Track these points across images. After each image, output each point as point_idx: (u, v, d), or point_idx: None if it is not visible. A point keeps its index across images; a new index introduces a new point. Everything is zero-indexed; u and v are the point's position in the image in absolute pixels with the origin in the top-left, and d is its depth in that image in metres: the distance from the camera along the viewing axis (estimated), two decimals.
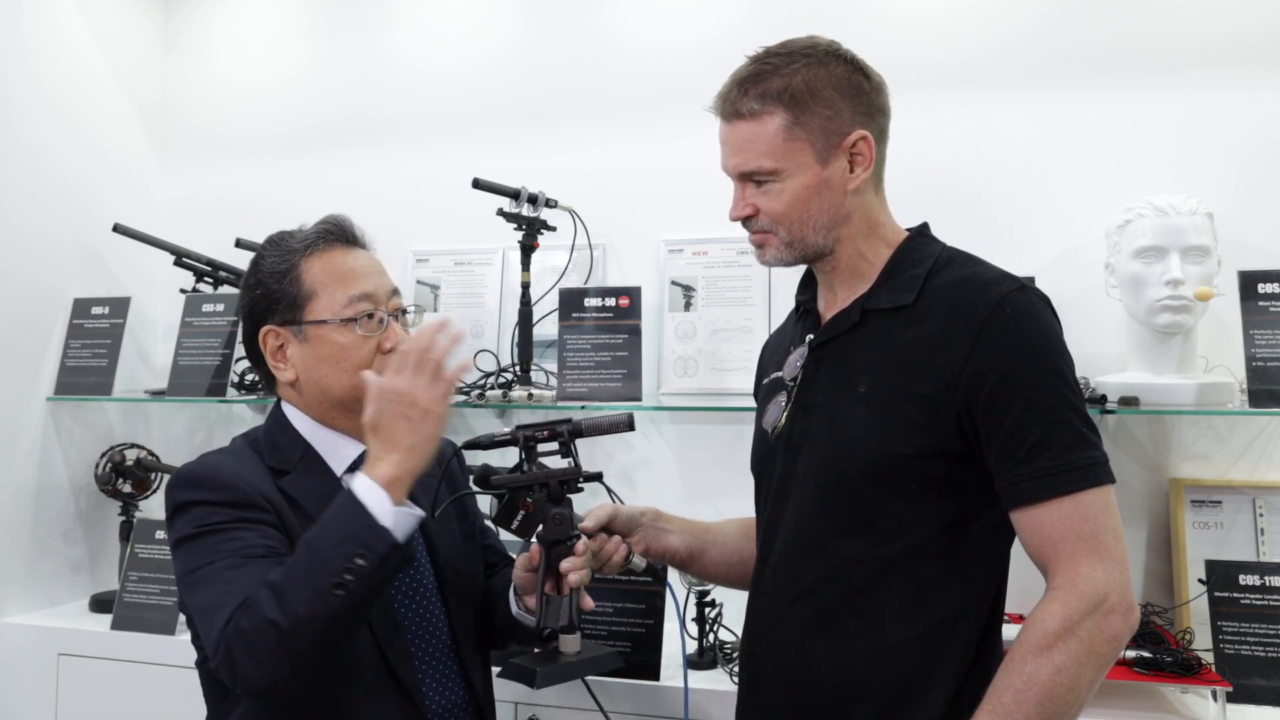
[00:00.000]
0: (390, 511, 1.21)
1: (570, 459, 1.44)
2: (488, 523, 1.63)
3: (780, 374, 1.43)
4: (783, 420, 1.38)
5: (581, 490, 1.47)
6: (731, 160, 1.35)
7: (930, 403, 1.24)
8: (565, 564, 1.39)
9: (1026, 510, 1.20)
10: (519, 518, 1.42)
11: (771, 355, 1.53)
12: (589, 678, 1.53)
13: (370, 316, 1.40)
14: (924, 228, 1.41)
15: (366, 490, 1.22)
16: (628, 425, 1.47)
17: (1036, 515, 1.20)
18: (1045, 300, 1.28)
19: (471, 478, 1.50)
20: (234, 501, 1.31)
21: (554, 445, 1.46)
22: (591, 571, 1.46)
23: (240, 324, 1.48)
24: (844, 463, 1.28)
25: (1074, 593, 1.16)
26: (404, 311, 1.47)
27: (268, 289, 1.42)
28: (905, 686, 1.25)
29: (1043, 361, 1.22)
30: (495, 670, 1.53)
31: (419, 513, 1.26)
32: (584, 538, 1.43)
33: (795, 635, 1.32)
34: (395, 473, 1.23)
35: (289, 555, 1.26)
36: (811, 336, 1.39)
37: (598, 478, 1.47)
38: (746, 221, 1.37)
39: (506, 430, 1.45)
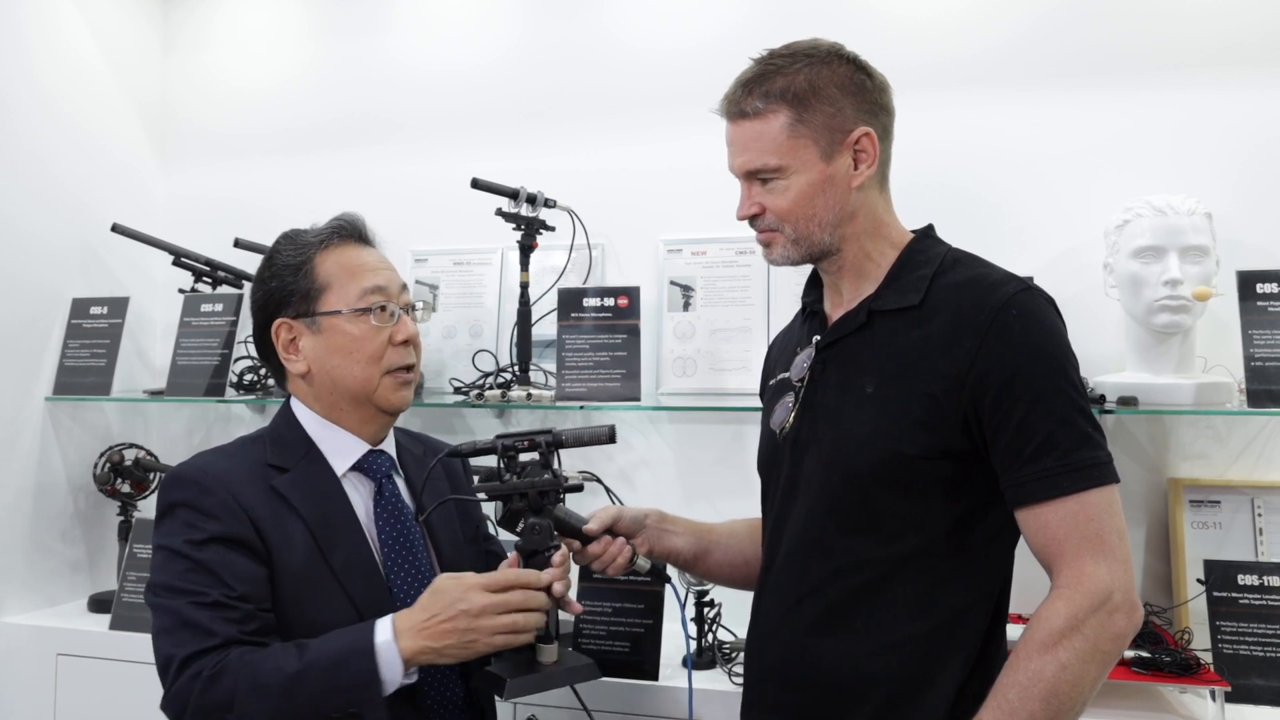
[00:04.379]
0: (398, 681, 1.27)
1: (549, 469, 1.44)
2: (491, 528, 1.64)
3: (788, 375, 1.44)
4: (790, 420, 1.39)
5: (562, 501, 1.46)
6: (737, 159, 1.37)
7: (937, 403, 1.24)
8: (545, 575, 1.39)
9: (1031, 509, 1.21)
10: (521, 524, 1.43)
11: (778, 356, 1.53)
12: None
13: (383, 309, 1.44)
14: (930, 229, 1.41)
15: (388, 655, 1.26)
16: (609, 438, 1.46)
17: (1041, 514, 1.20)
18: (1050, 301, 1.29)
19: (478, 479, 1.51)
20: (211, 510, 1.33)
21: (534, 455, 1.45)
22: (570, 581, 1.46)
23: (252, 318, 1.51)
24: (851, 463, 1.29)
25: (1079, 591, 1.17)
26: (412, 308, 1.50)
27: (282, 281, 1.45)
28: (910, 684, 1.26)
29: (1048, 362, 1.22)
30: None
31: (414, 679, 1.31)
32: (562, 548, 1.43)
33: (800, 633, 1.32)
34: (419, 657, 1.28)
35: (246, 592, 1.29)
36: (819, 337, 1.39)
37: (578, 489, 1.46)
38: (753, 220, 1.38)
39: (487, 439, 1.45)
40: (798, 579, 1.34)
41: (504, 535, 1.59)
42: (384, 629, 1.28)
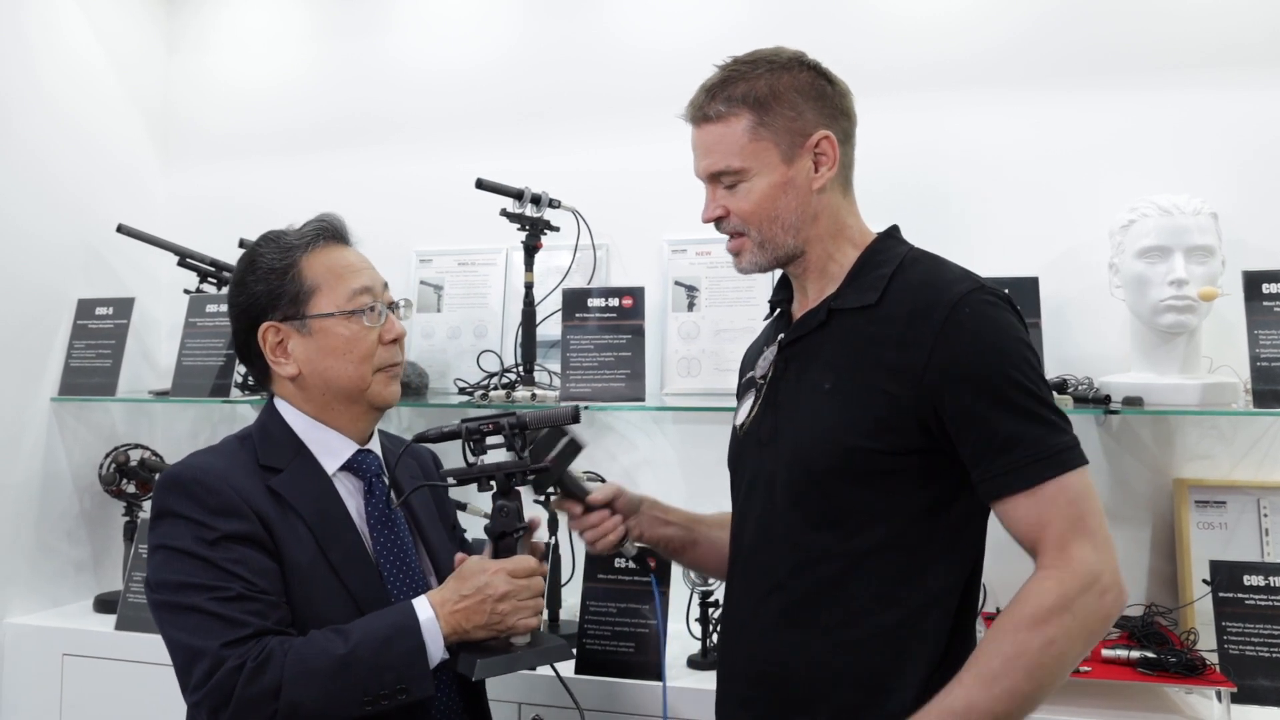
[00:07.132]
0: (439, 657, 1.33)
1: (515, 453, 1.45)
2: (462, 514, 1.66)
3: (754, 373, 1.47)
4: (751, 417, 1.41)
5: (530, 482, 1.47)
6: (701, 162, 1.39)
7: (892, 400, 1.25)
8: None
9: (1009, 500, 1.21)
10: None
11: (751, 356, 1.56)
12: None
13: (373, 309, 1.46)
14: (893, 230, 1.43)
15: (432, 631, 1.32)
16: (572, 418, 1.47)
17: (1020, 504, 1.21)
18: (1006, 299, 1.30)
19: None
20: (219, 509, 1.33)
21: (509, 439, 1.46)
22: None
23: (232, 322, 1.49)
24: (810, 459, 1.30)
25: (1069, 571, 1.17)
26: (395, 305, 1.52)
27: (269, 285, 1.45)
28: (876, 678, 1.26)
29: (1003, 357, 1.23)
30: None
31: (447, 657, 1.36)
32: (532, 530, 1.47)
33: (768, 629, 1.33)
34: (452, 636, 1.34)
35: (266, 586, 1.30)
36: (782, 335, 1.41)
37: (545, 471, 1.47)
38: (719, 225, 1.40)
39: (454, 423, 1.46)
40: (763, 574, 1.35)
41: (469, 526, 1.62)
42: (424, 607, 1.33)
